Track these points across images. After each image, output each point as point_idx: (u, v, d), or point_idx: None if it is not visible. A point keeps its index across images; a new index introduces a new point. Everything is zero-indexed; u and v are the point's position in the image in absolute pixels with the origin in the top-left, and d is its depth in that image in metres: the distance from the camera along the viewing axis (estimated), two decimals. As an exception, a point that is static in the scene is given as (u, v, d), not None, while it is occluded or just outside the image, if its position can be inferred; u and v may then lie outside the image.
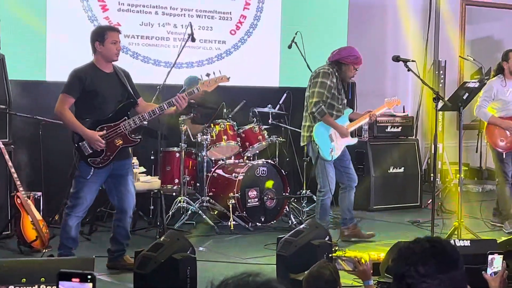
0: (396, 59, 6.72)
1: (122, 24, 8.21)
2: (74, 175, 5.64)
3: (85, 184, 5.59)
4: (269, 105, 8.27)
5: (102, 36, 5.63)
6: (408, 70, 6.63)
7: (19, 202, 6.31)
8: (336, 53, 6.95)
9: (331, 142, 6.80)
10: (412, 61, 6.70)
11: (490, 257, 3.41)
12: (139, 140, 5.76)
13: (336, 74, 6.85)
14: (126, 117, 5.65)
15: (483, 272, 3.37)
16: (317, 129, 6.79)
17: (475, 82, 6.78)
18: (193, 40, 7.35)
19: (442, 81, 10.11)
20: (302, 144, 7.05)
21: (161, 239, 5.07)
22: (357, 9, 9.93)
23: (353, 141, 7.11)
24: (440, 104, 6.57)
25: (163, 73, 7.50)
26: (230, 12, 8.99)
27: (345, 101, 7.10)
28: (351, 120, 7.05)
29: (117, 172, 5.72)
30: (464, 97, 6.68)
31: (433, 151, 6.87)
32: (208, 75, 5.80)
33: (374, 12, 10.55)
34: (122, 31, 8.08)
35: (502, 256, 3.43)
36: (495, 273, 3.38)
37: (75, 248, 5.72)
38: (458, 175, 6.92)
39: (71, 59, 7.62)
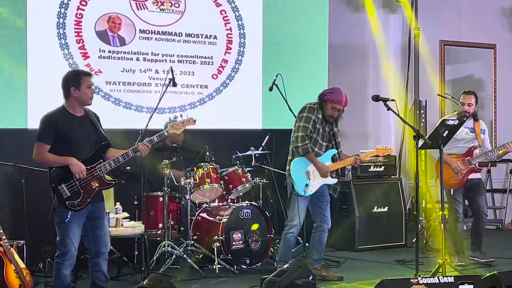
0: (376, 98, 6.78)
1: (104, 71, 8.37)
2: (56, 221, 5.64)
3: (67, 229, 5.59)
4: (252, 148, 8.30)
5: (78, 81, 5.67)
6: (388, 109, 6.68)
7: (2, 250, 6.24)
8: (323, 90, 7.13)
9: (308, 178, 6.82)
10: (392, 100, 6.75)
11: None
12: (114, 182, 5.81)
13: (320, 110, 6.94)
14: (101, 160, 5.69)
15: None
16: (295, 163, 6.83)
17: (454, 120, 6.84)
18: (175, 85, 7.42)
19: (423, 120, 10.19)
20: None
21: (144, 283, 5.05)
22: (337, 50, 10.04)
23: (332, 181, 7.06)
24: (421, 142, 6.63)
25: (146, 118, 7.51)
26: (212, 57, 9.05)
27: (339, 139, 7.14)
28: (334, 160, 7.06)
29: (93, 215, 5.73)
30: (444, 135, 6.74)
31: (415, 194, 6.89)
32: (175, 117, 5.92)
33: (354, 53, 10.67)
34: (104, 78, 8.29)
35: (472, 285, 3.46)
36: None
37: None
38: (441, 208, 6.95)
39: (53, 107, 7.68)
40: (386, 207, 8.96)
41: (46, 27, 8.03)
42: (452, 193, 7.75)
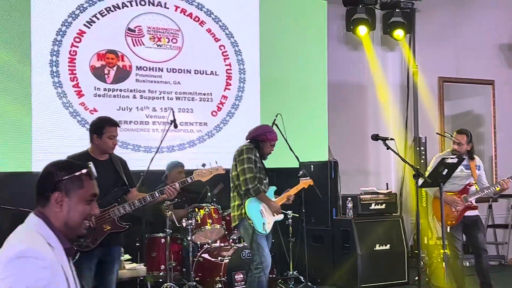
0: (375, 137, 6.82)
1: (99, 110, 8.17)
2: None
3: (77, 270, 5.57)
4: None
5: (101, 130, 5.74)
6: (388, 148, 6.72)
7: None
8: (252, 131, 7.05)
9: (262, 217, 6.77)
10: (391, 139, 6.80)
11: None
12: (127, 226, 5.80)
13: (256, 150, 6.89)
14: (116, 203, 5.70)
15: None
16: (250, 205, 6.75)
17: (453, 158, 6.88)
18: (176, 126, 7.44)
19: (423, 157, 10.22)
20: (233, 224, 6.95)
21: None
22: (335, 88, 10.10)
23: (280, 217, 7.01)
24: (421, 181, 6.66)
25: (143, 158, 7.51)
26: (211, 93, 8.98)
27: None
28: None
29: (105, 258, 5.73)
30: (444, 173, 6.77)
31: (416, 231, 6.90)
32: (203, 165, 5.93)
33: (353, 91, 10.74)
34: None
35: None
36: None
37: None
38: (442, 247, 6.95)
39: (56, 149, 7.72)
40: (388, 245, 8.94)
41: (40, 65, 7.94)
42: (449, 230, 7.73)
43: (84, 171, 2.92)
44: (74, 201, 2.90)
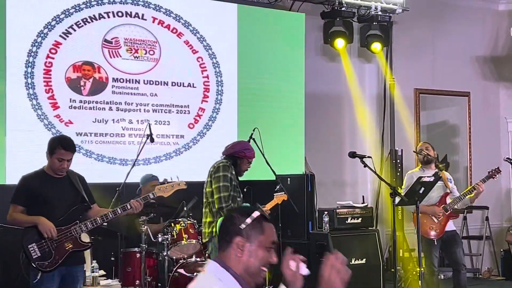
0: (352, 155, 6.84)
1: (74, 122, 8.12)
2: (31, 283, 5.59)
3: None
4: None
5: (52, 150, 5.66)
6: (365, 166, 6.74)
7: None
8: (230, 147, 7.02)
9: None
10: (368, 157, 6.82)
11: None
12: (90, 244, 5.82)
13: (232, 167, 6.86)
14: (77, 221, 5.66)
15: None
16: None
17: (430, 177, 6.91)
18: (152, 140, 7.41)
19: (399, 169, 10.25)
20: (204, 241, 6.89)
21: None
22: (312, 99, 10.09)
23: None
24: (398, 199, 6.67)
25: (119, 171, 7.45)
26: (188, 105, 8.93)
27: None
28: None
29: (67, 279, 5.70)
30: (420, 192, 6.80)
31: (392, 244, 6.91)
32: (165, 181, 5.87)
33: (329, 102, 10.73)
34: (74, 129, 8.06)
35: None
36: None
37: None
38: (418, 268, 6.96)
39: (29, 162, 7.61)
40: (364, 259, 8.94)
41: (15, 77, 7.86)
42: (429, 245, 7.74)
43: (256, 213, 2.89)
44: (255, 246, 2.90)
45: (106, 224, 7.22)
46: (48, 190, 5.65)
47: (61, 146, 5.66)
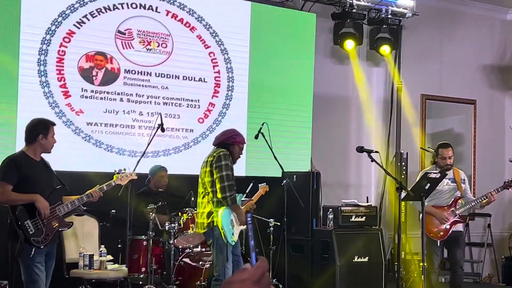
0: (360, 150, 6.91)
1: (85, 112, 8.18)
2: (21, 259, 5.73)
3: (33, 265, 5.77)
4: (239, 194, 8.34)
5: (47, 130, 5.96)
6: (372, 161, 6.82)
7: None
8: (220, 135, 6.99)
9: (232, 227, 6.73)
10: (376, 151, 6.90)
11: None
12: (71, 224, 6.12)
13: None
14: (60, 201, 5.96)
15: None
16: (224, 214, 6.64)
17: (436, 173, 6.97)
18: (163, 130, 7.49)
19: (404, 172, 10.31)
20: (202, 231, 6.83)
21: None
22: (320, 100, 10.16)
23: (244, 227, 6.95)
24: (403, 194, 6.74)
25: (127, 162, 7.48)
26: (198, 100, 8.95)
27: None
28: None
29: (47, 255, 5.94)
30: (426, 187, 6.86)
31: (396, 241, 6.97)
32: (120, 170, 6.50)
33: (337, 104, 10.80)
34: (85, 119, 8.17)
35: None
36: None
37: None
38: (421, 264, 7.01)
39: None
40: (367, 257, 8.99)
41: (28, 64, 7.93)
42: (432, 244, 7.79)
43: None
44: None
45: (114, 211, 7.43)
46: (35, 172, 5.91)
47: (52, 124, 6.06)
